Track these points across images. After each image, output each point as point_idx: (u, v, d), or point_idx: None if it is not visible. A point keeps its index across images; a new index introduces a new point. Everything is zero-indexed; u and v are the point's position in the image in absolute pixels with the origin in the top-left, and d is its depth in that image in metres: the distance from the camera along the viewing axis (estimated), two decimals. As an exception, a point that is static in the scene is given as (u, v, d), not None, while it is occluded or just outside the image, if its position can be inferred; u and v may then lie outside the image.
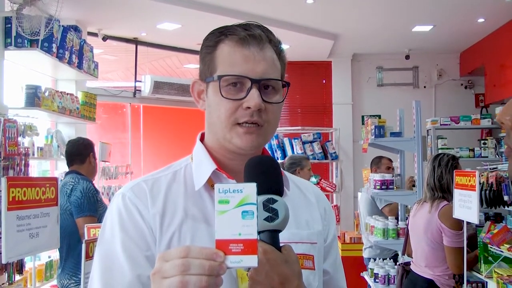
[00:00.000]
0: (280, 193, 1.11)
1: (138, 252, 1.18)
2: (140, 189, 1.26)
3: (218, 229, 0.95)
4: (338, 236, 6.70)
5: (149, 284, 0.99)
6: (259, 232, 1.06)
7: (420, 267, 3.87)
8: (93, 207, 3.98)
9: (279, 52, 1.28)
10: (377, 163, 6.09)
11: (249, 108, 1.20)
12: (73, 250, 3.95)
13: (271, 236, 1.07)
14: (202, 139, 1.35)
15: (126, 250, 1.18)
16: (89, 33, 7.03)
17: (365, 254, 5.92)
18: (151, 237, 1.20)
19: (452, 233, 3.62)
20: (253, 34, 1.22)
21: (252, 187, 0.97)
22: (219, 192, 0.97)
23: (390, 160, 6.07)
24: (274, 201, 1.08)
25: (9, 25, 4.63)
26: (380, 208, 5.83)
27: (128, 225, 1.21)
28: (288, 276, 1.06)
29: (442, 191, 3.81)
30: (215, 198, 0.97)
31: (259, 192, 1.04)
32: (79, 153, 4.26)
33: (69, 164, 4.30)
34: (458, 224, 3.63)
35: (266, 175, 1.12)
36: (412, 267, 3.99)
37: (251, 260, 0.94)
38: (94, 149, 4.40)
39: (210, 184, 1.26)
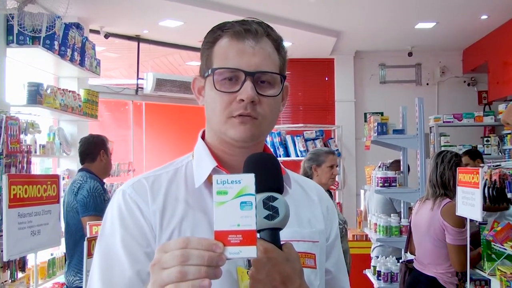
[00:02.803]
0: (280, 190, 1.10)
1: (138, 249, 1.18)
2: (140, 186, 1.25)
3: (216, 220, 0.95)
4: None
5: (149, 280, 0.98)
6: (259, 231, 1.05)
7: (423, 264, 3.86)
8: (99, 207, 3.97)
9: (278, 47, 1.27)
10: (397, 168, 6.03)
11: (242, 100, 1.20)
12: (79, 247, 3.94)
13: (272, 234, 1.06)
14: (203, 137, 1.35)
15: (126, 246, 1.18)
16: (91, 31, 7.03)
17: (374, 253, 5.89)
18: (151, 233, 1.20)
19: (455, 231, 3.61)
20: (249, 29, 1.22)
21: (250, 177, 0.96)
22: (217, 183, 0.96)
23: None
24: (274, 199, 1.07)
25: (11, 23, 4.63)
26: (398, 211, 5.77)
27: (128, 221, 1.21)
28: (289, 274, 1.05)
29: (444, 187, 3.80)
30: (213, 189, 0.96)
31: (259, 190, 1.03)
32: (90, 151, 4.25)
33: (81, 162, 4.31)
34: (461, 222, 3.62)
35: (266, 173, 1.10)
36: (415, 264, 3.98)
37: (250, 251, 0.94)
38: (107, 145, 4.32)
39: (210, 182, 1.24)
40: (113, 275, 1.17)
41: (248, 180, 0.96)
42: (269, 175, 1.11)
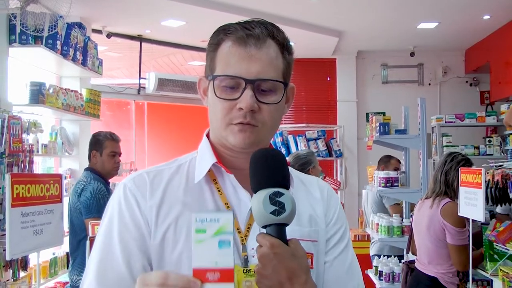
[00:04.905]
0: (287, 186, 1.11)
1: (134, 245, 1.21)
2: (141, 180, 1.28)
3: (195, 258, 0.98)
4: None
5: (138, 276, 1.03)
6: (265, 226, 1.07)
7: (424, 264, 3.85)
8: (102, 208, 3.92)
9: (284, 49, 1.27)
10: (385, 162, 6.05)
11: (241, 109, 1.20)
12: (82, 247, 3.94)
13: (278, 230, 1.07)
14: (208, 135, 1.36)
15: (122, 241, 1.21)
16: (94, 30, 7.03)
17: (372, 251, 5.91)
18: (146, 229, 1.23)
19: (456, 231, 3.60)
20: (251, 34, 1.22)
21: (228, 216, 0.99)
22: (196, 221, 0.99)
23: (399, 161, 5.99)
24: (281, 194, 1.08)
25: (14, 22, 4.63)
26: (387, 206, 5.81)
27: (127, 217, 1.24)
28: (295, 270, 1.06)
29: (446, 185, 3.79)
30: (192, 226, 0.99)
31: (265, 186, 1.06)
32: (88, 150, 4.24)
33: None
34: (461, 222, 3.61)
35: (273, 168, 1.12)
36: (416, 264, 3.97)
37: None
38: (102, 145, 4.16)
39: (212, 178, 1.29)
40: (107, 269, 1.20)
41: (227, 218, 0.99)
42: (275, 171, 1.12)
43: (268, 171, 1.11)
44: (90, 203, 3.91)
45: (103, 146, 4.18)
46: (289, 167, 1.33)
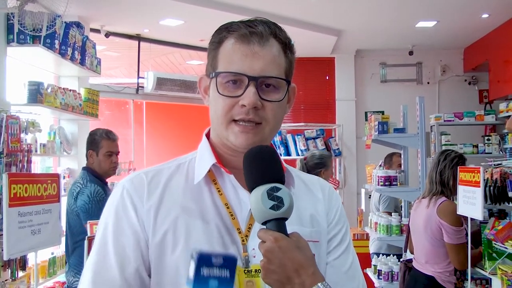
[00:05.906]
0: (282, 181, 1.12)
1: (128, 248, 1.21)
2: (139, 181, 1.27)
3: None
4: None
5: (133, 280, 1.12)
6: (265, 222, 1.08)
7: (421, 263, 3.85)
8: (101, 210, 3.85)
9: (286, 48, 1.27)
10: (388, 162, 6.05)
11: (244, 106, 1.20)
12: (78, 248, 3.90)
13: (278, 225, 1.08)
14: (208, 135, 1.35)
15: (117, 245, 1.21)
16: (92, 30, 7.02)
17: (372, 248, 5.92)
18: (142, 233, 1.21)
19: (453, 230, 3.59)
20: (254, 31, 1.21)
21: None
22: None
23: (401, 156, 5.98)
24: (278, 189, 1.09)
25: (12, 22, 4.62)
26: (381, 210, 5.82)
27: (122, 220, 1.23)
28: (302, 262, 1.06)
29: (442, 185, 3.78)
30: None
31: (262, 182, 1.07)
32: (86, 149, 4.16)
33: None
34: (458, 220, 3.61)
35: (267, 165, 1.13)
36: (414, 263, 3.97)
37: None
38: (98, 144, 4.04)
39: (211, 179, 1.27)
40: (101, 272, 1.20)
41: None
42: (270, 167, 1.13)
43: (262, 167, 1.11)
44: (89, 207, 3.80)
45: (99, 145, 4.06)
46: (288, 167, 1.33)
